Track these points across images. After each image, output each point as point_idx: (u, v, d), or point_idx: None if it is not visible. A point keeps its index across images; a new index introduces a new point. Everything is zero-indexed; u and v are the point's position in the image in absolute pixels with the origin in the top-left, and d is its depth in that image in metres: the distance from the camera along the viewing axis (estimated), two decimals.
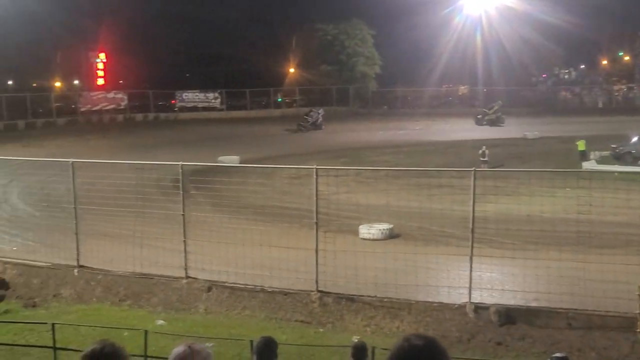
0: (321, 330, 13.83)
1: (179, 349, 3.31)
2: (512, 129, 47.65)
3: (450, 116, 56.98)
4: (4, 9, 52.51)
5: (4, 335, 13.81)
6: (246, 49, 69.20)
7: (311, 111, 54.02)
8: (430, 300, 13.88)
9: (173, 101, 62.94)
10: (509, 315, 13.20)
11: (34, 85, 72.76)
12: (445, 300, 13.78)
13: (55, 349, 12.19)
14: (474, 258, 13.67)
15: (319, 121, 52.38)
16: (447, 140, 43.53)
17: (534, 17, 57.63)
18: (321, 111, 53.81)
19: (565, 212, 18.42)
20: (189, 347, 3.30)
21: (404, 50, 61.83)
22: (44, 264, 17.36)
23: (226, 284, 15.32)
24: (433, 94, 65.57)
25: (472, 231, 13.78)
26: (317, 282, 14.44)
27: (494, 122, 52.19)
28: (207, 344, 13.44)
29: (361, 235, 19.07)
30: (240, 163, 30.92)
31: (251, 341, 11.28)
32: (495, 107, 53.88)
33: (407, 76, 66.16)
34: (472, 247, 13.75)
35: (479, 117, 53.54)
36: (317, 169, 15.23)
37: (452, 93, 70.51)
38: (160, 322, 14.50)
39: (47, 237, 19.62)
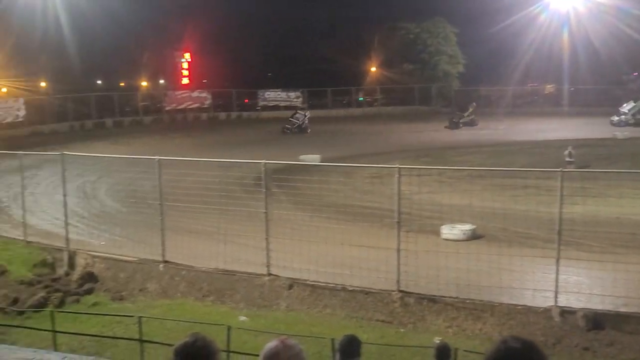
0: (402, 330, 13.75)
1: (271, 343, 3.34)
2: (600, 129, 46.19)
3: (535, 115, 55.73)
4: (93, 12, 54.19)
5: (93, 327, 14.25)
6: (328, 48, 69.49)
7: (296, 113, 52.09)
8: (514, 302, 13.59)
9: (245, 100, 63.57)
10: (596, 320, 12.80)
11: (122, 84, 74.91)
12: (530, 304, 13.48)
13: (141, 341, 12.50)
14: (560, 261, 13.33)
15: (304, 124, 50.27)
16: (532, 140, 42.59)
17: (624, 12, 55.77)
18: (307, 113, 51.93)
19: None
20: (282, 342, 3.33)
21: (487, 49, 60.76)
22: (131, 258, 17.82)
23: (307, 282, 15.39)
24: (517, 92, 64.29)
25: (559, 233, 13.43)
26: (398, 281, 14.35)
27: (469, 125, 51.19)
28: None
29: (443, 236, 18.85)
30: (321, 162, 30.99)
31: (332, 339, 11.32)
32: (470, 110, 52.60)
33: (490, 75, 65.05)
34: (559, 249, 13.41)
35: (454, 120, 52.06)
36: (399, 168, 15.13)
37: (537, 92, 68.93)
38: (243, 318, 14.69)
39: (133, 232, 20.15)
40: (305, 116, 50.91)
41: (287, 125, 49.72)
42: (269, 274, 15.87)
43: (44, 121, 48.86)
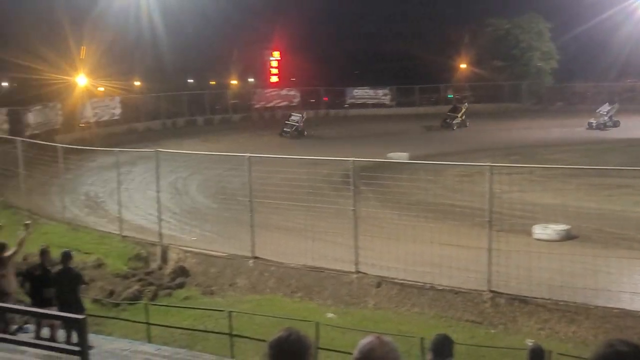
0: (492, 331, 13.52)
1: (367, 339, 3.32)
2: None
3: (633, 113, 53.75)
4: (185, 12, 55.40)
5: (184, 320, 14.58)
6: (416, 45, 69.05)
7: (291, 115, 49.07)
8: (610, 306, 13.13)
9: (325, 98, 63.57)
10: None
11: (212, 83, 76.26)
12: (628, 307, 13.00)
13: (231, 335, 12.71)
14: None
15: (300, 127, 47.29)
16: (628, 138, 41.15)
17: None
18: (304, 114, 49.08)
19: None
20: (377, 338, 3.30)
21: (583, 44, 59.03)
22: (221, 254, 18.14)
23: (396, 280, 15.32)
24: (614, 89, 62.14)
25: None
26: (489, 281, 14.12)
27: (462, 126, 49.86)
28: None
29: (535, 236, 18.42)
30: (409, 159, 30.78)
31: (421, 338, 11.24)
32: (463, 110, 50.90)
33: (585, 71, 63.14)
34: None
35: (447, 121, 50.57)
36: (491, 166, 14.87)
37: (636, 88, 66.43)
38: (331, 315, 14.74)
39: (223, 228, 20.51)
40: (303, 118, 48.27)
41: (285, 129, 47.13)
42: (357, 272, 15.87)
43: (138, 119, 50.24)
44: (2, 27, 50.17)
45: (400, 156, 32.39)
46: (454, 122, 50.41)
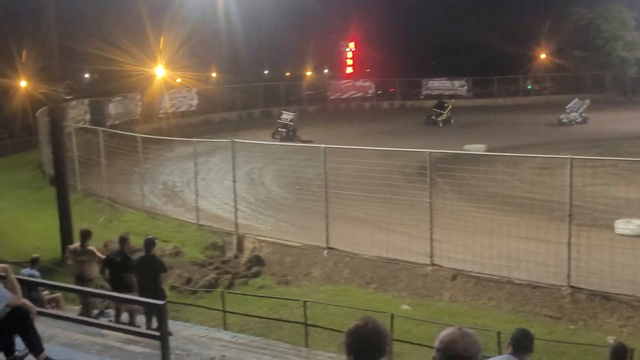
0: (572, 327, 13.20)
1: (448, 330, 3.27)
2: None
3: None
4: (260, 4, 55.81)
5: (259, 309, 14.72)
6: (494, 35, 67.78)
7: (282, 114, 43.70)
8: None
9: (391, 89, 63.04)
10: None
11: (288, 74, 76.74)
12: None
13: (306, 325, 12.77)
14: None
15: (291, 128, 41.81)
16: None
17: None
18: (295, 113, 43.99)
19: None
20: (459, 329, 3.25)
21: None
22: (296, 244, 18.25)
23: (472, 274, 15.13)
24: None
25: None
26: (568, 276, 13.80)
27: (447, 122, 47.81)
28: None
29: (618, 231, 17.89)
30: (486, 151, 30.31)
31: (498, 333, 11.07)
32: (449, 107, 48.98)
33: None
34: None
35: (432, 117, 48.68)
36: (571, 158, 14.49)
37: None
38: (405, 306, 14.67)
39: (298, 218, 20.63)
40: (293, 115, 43.13)
41: (279, 129, 41.57)
42: (432, 264, 15.75)
43: (214, 110, 50.97)
44: (86, 21, 51.58)
45: (477, 148, 31.96)
46: (439, 119, 48.84)
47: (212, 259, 18.42)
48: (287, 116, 42.88)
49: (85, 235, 12.70)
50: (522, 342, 6.34)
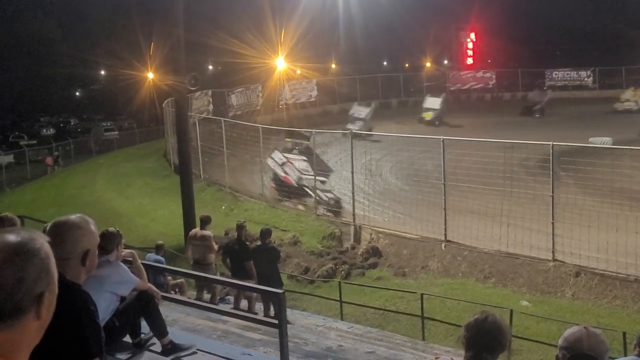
0: None
1: (574, 328, 3.19)
2: None
3: None
4: None
5: (376, 300, 14.74)
6: (623, 22, 64.99)
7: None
8: None
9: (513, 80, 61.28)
10: None
11: (406, 65, 76.26)
12: None
13: (423, 318, 12.70)
14: None
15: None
16: None
17: None
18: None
19: None
20: (586, 328, 3.15)
21: None
22: (413, 236, 18.16)
23: (596, 271, 14.61)
24: None
25: None
26: None
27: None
28: None
29: None
30: (613, 144, 29.10)
31: (624, 333, 10.64)
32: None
33: None
34: None
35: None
36: None
37: None
38: (525, 303, 14.33)
39: (415, 210, 20.46)
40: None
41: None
42: (554, 260, 15.31)
43: (333, 101, 51.33)
44: (211, 15, 53.03)
45: (603, 140, 30.76)
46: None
47: (330, 249, 18.60)
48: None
49: (204, 220, 13.09)
50: None
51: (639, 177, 20.92)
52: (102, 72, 72.94)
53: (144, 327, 6.39)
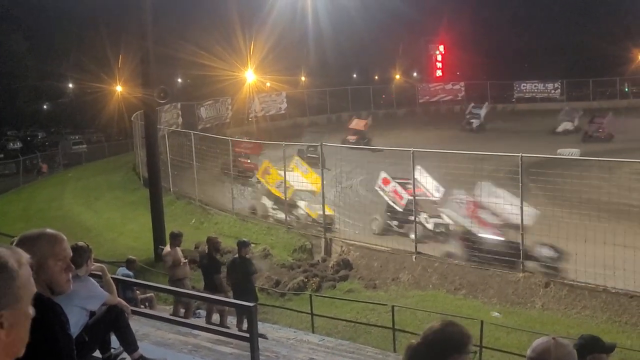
0: None
1: (542, 339, 3.18)
2: None
3: None
4: (349, 7, 55.98)
5: (347, 312, 14.73)
6: (589, 36, 65.94)
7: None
8: None
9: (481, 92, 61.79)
10: None
11: (376, 77, 76.65)
12: None
13: (394, 330, 12.69)
14: None
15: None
16: None
17: None
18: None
19: None
20: (554, 339, 3.15)
21: None
22: (384, 248, 18.18)
23: (565, 281, 14.74)
24: None
25: None
26: None
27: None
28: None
29: None
30: (581, 156, 29.44)
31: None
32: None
33: None
34: None
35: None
36: None
37: None
38: (496, 314, 14.40)
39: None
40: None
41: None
42: (524, 271, 15.40)
43: (303, 113, 51.41)
44: (180, 28, 52.95)
45: (571, 152, 31.10)
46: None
47: (301, 261, 18.57)
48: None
49: (172, 236, 13.03)
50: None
51: (607, 188, 21.17)
52: (70, 85, 72.30)
53: (114, 341, 6.31)
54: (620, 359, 10.65)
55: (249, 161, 26.42)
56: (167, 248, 12.98)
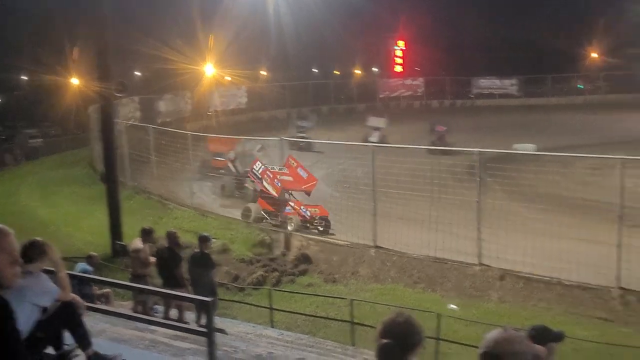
0: (625, 330, 12.94)
1: (495, 331, 3.23)
2: None
3: None
4: (309, 1, 55.86)
5: (307, 306, 14.76)
6: (547, 33, 66.69)
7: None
8: None
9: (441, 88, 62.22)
10: None
11: (336, 72, 76.70)
12: None
13: (353, 323, 12.76)
14: None
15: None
16: None
17: None
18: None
19: None
20: (505, 329, 3.20)
21: None
22: (343, 242, 18.25)
23: (521, 274, 14.97)
24: None
25: None
26: (618, 278, 13.54)
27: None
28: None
29: None
30: (537, 151, 29.84)
31: None
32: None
33: None
34: None
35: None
36: (622, 159, 14.23)
37: None
38: (453, 306, 14.55)
39: (346, 217, 20.56)
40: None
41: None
42: (481, 264, 15.61)
43: (263, 108, 51.24)
44: (138, 20, 52.30)
45: (526, 147, 31.49)
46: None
47: (260, 256, 18.53)
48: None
49: (143, 232, 12.90)
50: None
51: (562, 182, 21.52)
52: (25, 78, 71.02)
53: (68, 338, 6.24)
54: (573, 349, 10.84)
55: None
56: (139, 244, 12.82)
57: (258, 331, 12.21)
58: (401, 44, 72.20)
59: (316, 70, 77.91)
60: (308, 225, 19.98)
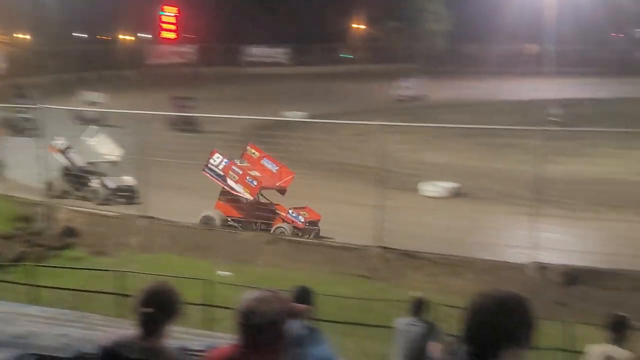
0: (381, 285, 13.80)
1: (249, 292, 3.34)
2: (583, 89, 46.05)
3: (520, 75, 55.38)
4: None
5: (74, 282, 14.19)
6: (314, 3, 68.54)
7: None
8: (493, 259, 13.70)
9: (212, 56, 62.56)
10: (572, 276, 12.94)
11: (104, 37, 73.74)
12: (509, 259, 13.58)
13: (119, 295, 12.47)
14: (540, 218, 13.37)
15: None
16: (516, 100, 42.51)
17: None
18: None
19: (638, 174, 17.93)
20: (261, 292, 3.33)
21: (473, 7, 59.71)
22: (112, 213, 17.76)
23: (290, 239, 15.42)
24: (503, 52, 63.49)
25: (538, 192, 13.47)
26: (379, 237, 14.38)
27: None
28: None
29: (425, 193, 18.85)
30: (306, 119, 30.76)
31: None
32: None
33: (476, 34, 63.90)
34: (537, 207, 13.45)
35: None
36: (382, 125, 15.07)
37: (522, 52, 68.04)
38: (224, 273, 14.68)
39: None
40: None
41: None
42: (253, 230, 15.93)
43: (23, 74, 48.16)
44: None
45: (296, 115, 32.35)
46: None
47: (20, 230, 17.48)
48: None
49: None
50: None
51: (325, 149, 22.41)
52: None
53: None
54: (338, 307, 11.36)
55: None
56: None
57: (17, 309, 11.51)
58: (173, 9, 70.92)
59: (82, 35, 74.39)
60: (299, 233, 16.21)
